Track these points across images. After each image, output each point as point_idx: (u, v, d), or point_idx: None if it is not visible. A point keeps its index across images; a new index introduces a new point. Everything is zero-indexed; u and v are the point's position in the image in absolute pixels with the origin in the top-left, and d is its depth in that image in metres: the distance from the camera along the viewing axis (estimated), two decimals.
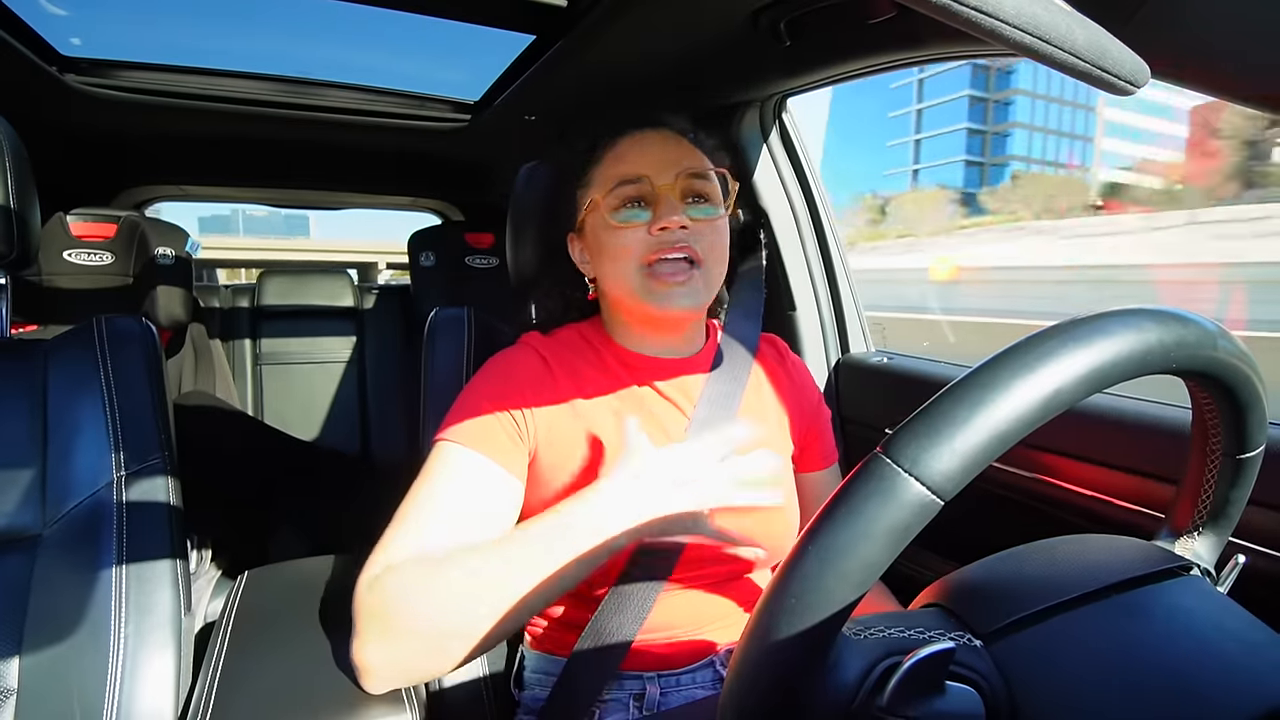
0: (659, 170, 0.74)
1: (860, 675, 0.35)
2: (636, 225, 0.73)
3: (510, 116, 1.56)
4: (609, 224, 0.74)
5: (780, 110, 1.27)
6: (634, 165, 0.75)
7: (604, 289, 0.79)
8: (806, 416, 0.87)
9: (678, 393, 0.79)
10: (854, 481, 0.32)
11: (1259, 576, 0.63)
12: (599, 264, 0.77)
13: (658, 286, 0.72)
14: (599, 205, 0.75)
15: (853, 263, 1.35)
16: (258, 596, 0.87)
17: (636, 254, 0.72)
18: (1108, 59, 0.30)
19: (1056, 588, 0.40)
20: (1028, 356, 0.32)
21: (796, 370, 0.90)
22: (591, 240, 0.78)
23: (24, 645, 0.72)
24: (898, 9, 0.83)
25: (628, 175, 0.74)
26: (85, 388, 0.82)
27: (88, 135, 1.68)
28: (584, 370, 0.78)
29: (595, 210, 0.76)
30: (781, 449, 0.83)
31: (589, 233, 0.78)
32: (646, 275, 0.72)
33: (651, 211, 0.73)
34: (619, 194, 0.74)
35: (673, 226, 0.71)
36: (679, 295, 0.72)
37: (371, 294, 2.63)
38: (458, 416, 0.72)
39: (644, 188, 0.74)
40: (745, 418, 0.78)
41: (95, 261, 1.90)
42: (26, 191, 0.84)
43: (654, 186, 0.73)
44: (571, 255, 0.82)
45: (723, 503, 0.65)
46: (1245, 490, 0.46)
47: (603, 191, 0.75)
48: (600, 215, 0.75)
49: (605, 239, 0.75)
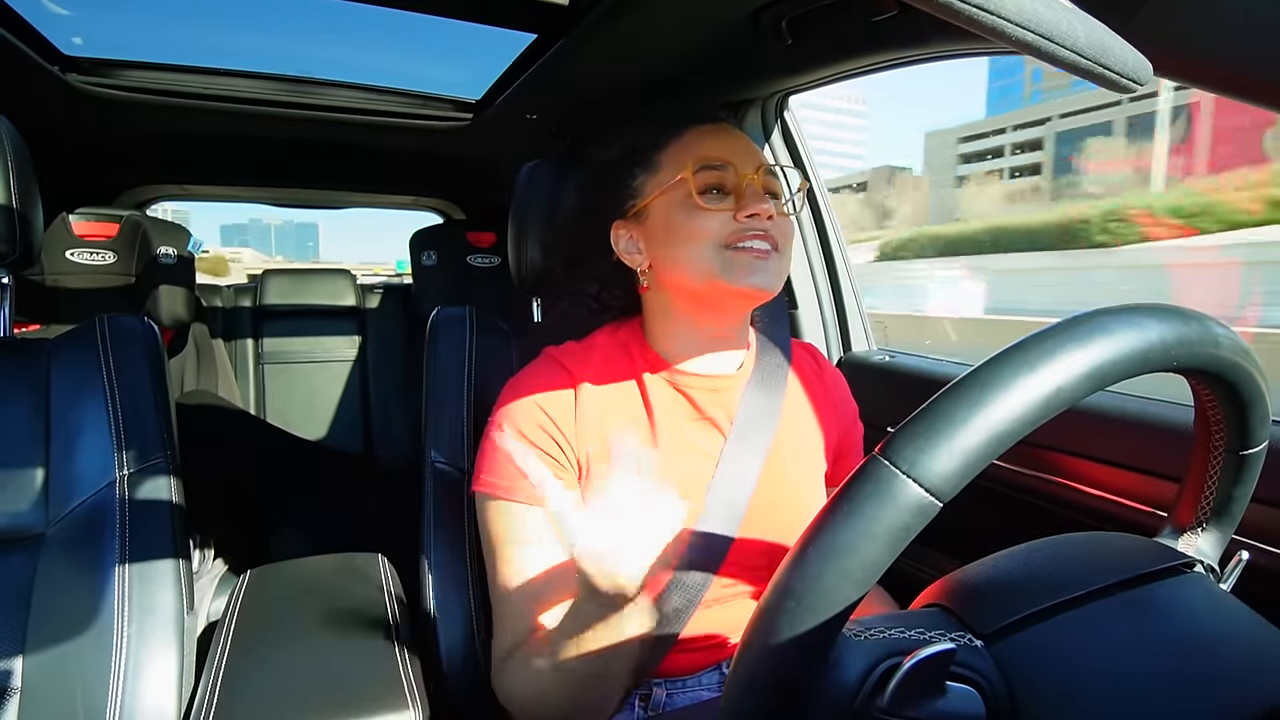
0: (743, 160, 0.73)
1: (861, 676, 0.35)
2: (721, 209, 0.71)
3: (512, 115, 1.56)
4: (694, 204, 0.71)
5: (782, 108, 1.27)
6: (717, 151, 0.73)
7: (662, 277, 0.75)
8: (841, 432, 0.85)
9: (716, 409, 0.76)
10: (853, 483, 0.32)
11: (1262, 574, 0.63)
12: (665, 248, 0.73)
13: (742, 260, 0.69)
14: (680, 184, 0.72)
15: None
16: (260, 596, 0.88)
17: (719, 235, 0.70)
18: (1110, 57, 0.29)
19: (1058, 586, 0.40)
20: (1028, 356, 0.32)
21: (835, 383, 0.88)
22: (659, 224, 0.74)
23: (27, 644, 0.72)
24: (900, 7, 0.83)
25: (712, 159, 0.72)
26: (88, 387, 0.82)
27: (90, 135, 1.68)
28: (616, 386, 0.76)
29: (673, 190, 0.73)
30: (816, 465, 0.81)
31: (654, 217, 0.75)
32: (730, 252, 0.70)
33: (732, 199, 0.71)
34: (703, 177, 0.71)
35: (762, 214, 0.70)
36: (761, 271, 0.70)
37: (374, 293, 2.64)
38: (495, 464, 0.71)
39: (727, 175, 0.72)
40: (782, 435, 0.77)
41: (98, 261, 1.90)
42: (29, 191, 0.85)
43: (738, 175, 0.72)
44: (615, 245, 0.78)
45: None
46: (1248, 487, 0.46)
47: (686, 171, 0.71)
48: (681, 194, 0.72)
49: (683, 219, 0.71)
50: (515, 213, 0.95)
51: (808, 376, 0.85)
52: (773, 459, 0.75)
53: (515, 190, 0.96)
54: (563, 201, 0.94)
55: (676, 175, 0.72)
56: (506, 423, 0.73)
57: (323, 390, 2.49)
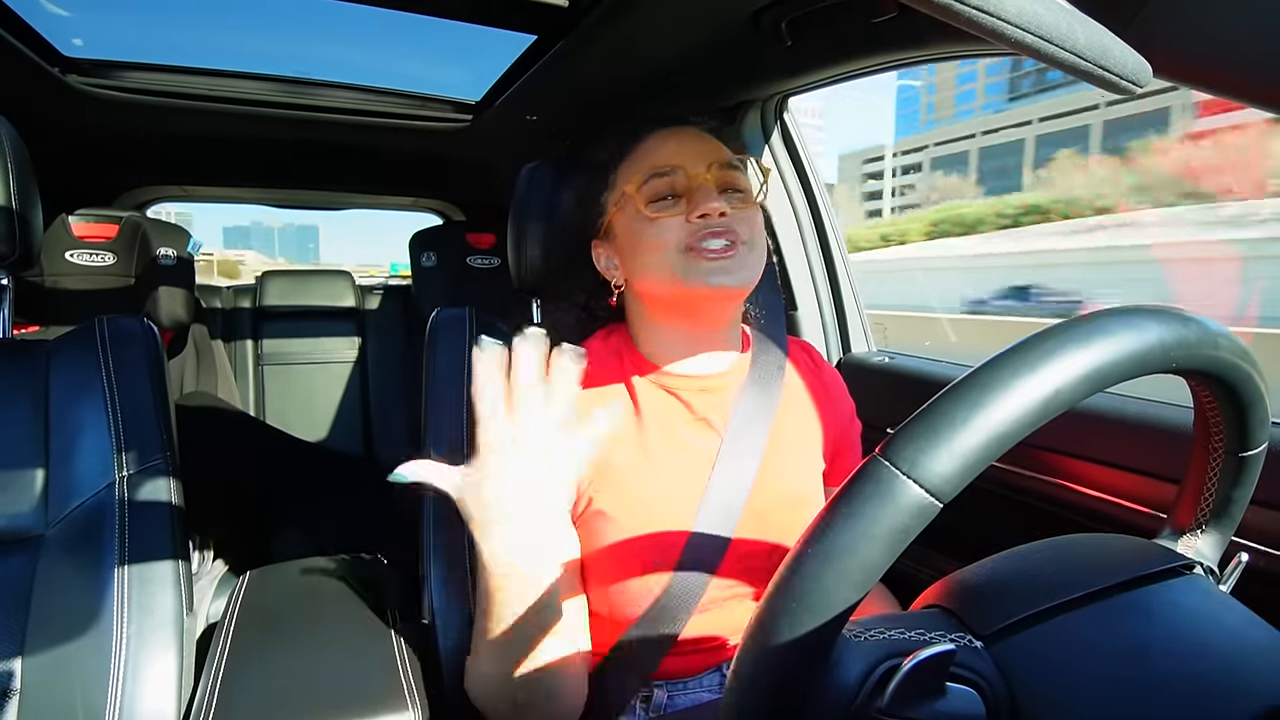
0: (691, 161, 0.72)
1: (860, 677, 0.35)
2: (673, 214, 0.70)
3: (511, 117, 1.56)
4: (643, 215, 0.71)
5: (782, 110, 1.27)
6: (665, 157, 0.73)
7: (637, 288, 0.76)
8: (839, 430, 0.84)
9: (710, 410, 0.76)
10: (853, 484, 0.32)
11: (1262, 575, 0.63)
12: (632, 261, 0.74)
13: (701, 262, 0.69)
14: (630, 198, 0.72)
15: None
16: (260, 597, 0.88)
17: (676, 241, 0.70)
18: (1110, 59, 0.29)
19: (1058, 588, 0.40)
20: (1027, 357, 0.32)
21: (833, 382, 0.87)
22: (622, 239, 0.75)
23: (27, 646, 0.72)
24: (899, 8, 0.83)
25: (659, 167, 0.72)
26: (87, 388, 0.82)
27: (90, 136, 1.68)
28: (608, 394, 0.76)
29: (626, 205, 0.73)
30: (814, 465, 0.81)
31: (618, 233, 0.76)
32: (688, 255, 0.69)
33: (686, 202, 0.71)
34: (651, 186, 0.72)
35: (712, 214, 0.69)
36: (725, 270, 0.69)
37: (373, 294, 2.64)
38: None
39: (677, 179, 0.72)
40: (779, 435, 0.76)
41: (97, 262, 1.90)
42: (29, 192, 0.85)
43: (688, 177, 0.71)
44: (597, 264, 0.79)
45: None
46: (1248, 489, 0.46)
47: (634, 184, 0.72)
48: (632, 209, 0.72)
49: (639, 231, 0.72)
50: (515, 214, 0.95)
51: (805, 375, 0.84)
52: (769, 459, 0.75)
53: (515, 191, 0.96)
54: (562, 204, 0.94)
55: (626, 189, 0.73)
56: None
57: (322, 391, 2.49)
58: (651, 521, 0.70)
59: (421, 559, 0.84)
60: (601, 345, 0.80)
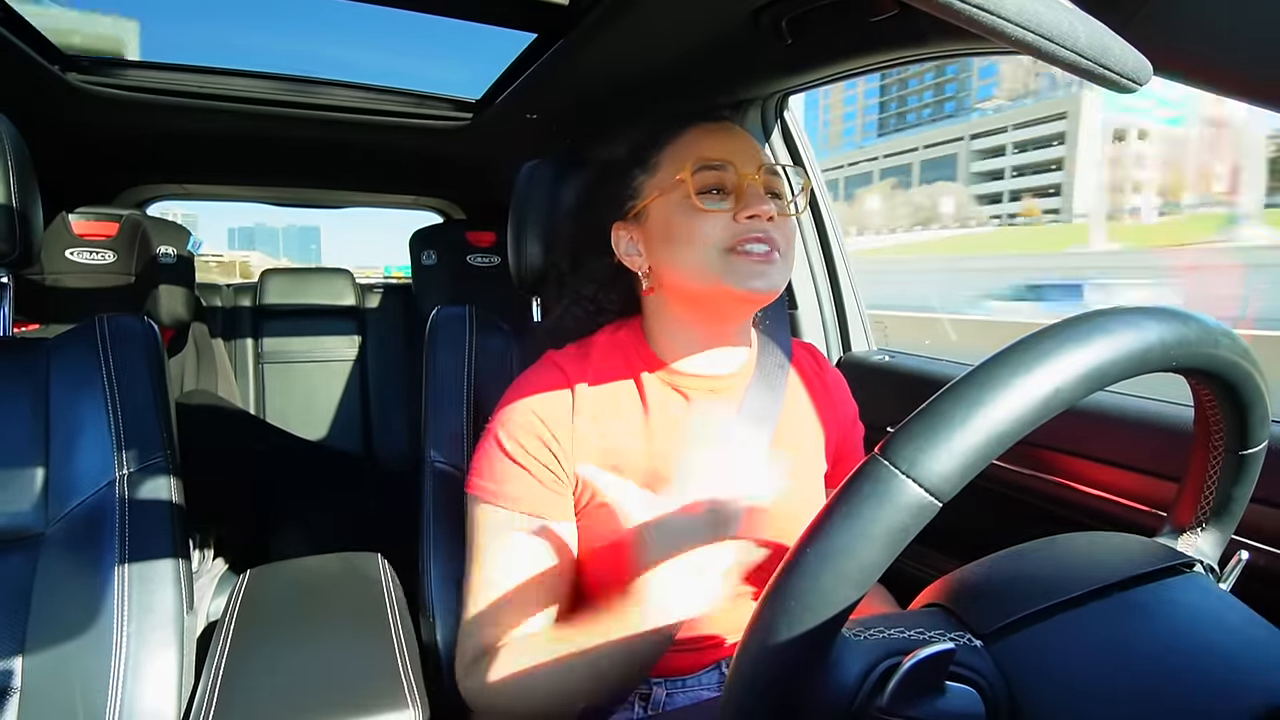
0: (742, 159, 0.71)
1: (860, 676, 0.35)
2: (721, 210, 0.70)
3: (512, 115, 1.56)
4: (692, 206, 0.69)
5: (782, 108, 1.27)
6: (716, 151, 0.72)
7: (665, 278, 0.74)
8: (841, 433, 0.84)
9: (716, 410, 0.76)
10: (852, 483, 0.32)
11: (1262, 573, 0.63)
12: (665, 249, 0.72)
13: (744, 264, 0.68)
14: (678, 185, 0.71)
15: None
16: (260, 595, 0.88)
17: (720, 238, 0.69)
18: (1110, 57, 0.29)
19: (1057, 586, 0.40)
20: (1026, 356, 0.32)
21: (836, 384, 0.87)
22: (657, 225, 0.73)
23: (27, 644, 0.72)
24: (900, 7, 0.83)
25: (710, 160, 0.71)
26: (87, 387, 0.82)
27: (90, 134, 1.68)
28: (614, 387, 0.75)
29: (672, 191, 0.72)
30: (816, 466, 0.81)
31: (653, 218, 0.74)
32: (731, 255, 0.69)
33: (733, 200, 0.70)
34: (702, 177, 0.70)
35: (763, 216, 0.68)
36: (763, 275, 0.69)
37: (373, 293, 2.64)
38: (492, 469, 0.71)
39: (727, 175, 0.71)
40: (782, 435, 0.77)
41: (97, 260, 1.90)
42: (29, 190, 0.84)
43: (738, 175, 0.71)
44: (616, 247, 0.77)
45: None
46: (1248, 487, 0.46)
47: (685, 171, 0.70)
48: (679, 196, 0.71)
49: (681, 222, 0.70)
50: (515, 212, 0.95)
51: (809, 377, 0.84)
52: (772, 459, 0.75)
53: (515, 190, 0.95)
54: (563, 201, 0.94)
55: (675, 175, 0.71)
56: (503, 431, 0.72)
57: (322, 390, 2.49)
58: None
59: (421, 557, 0.84)
60: (609, 340, 0.79)
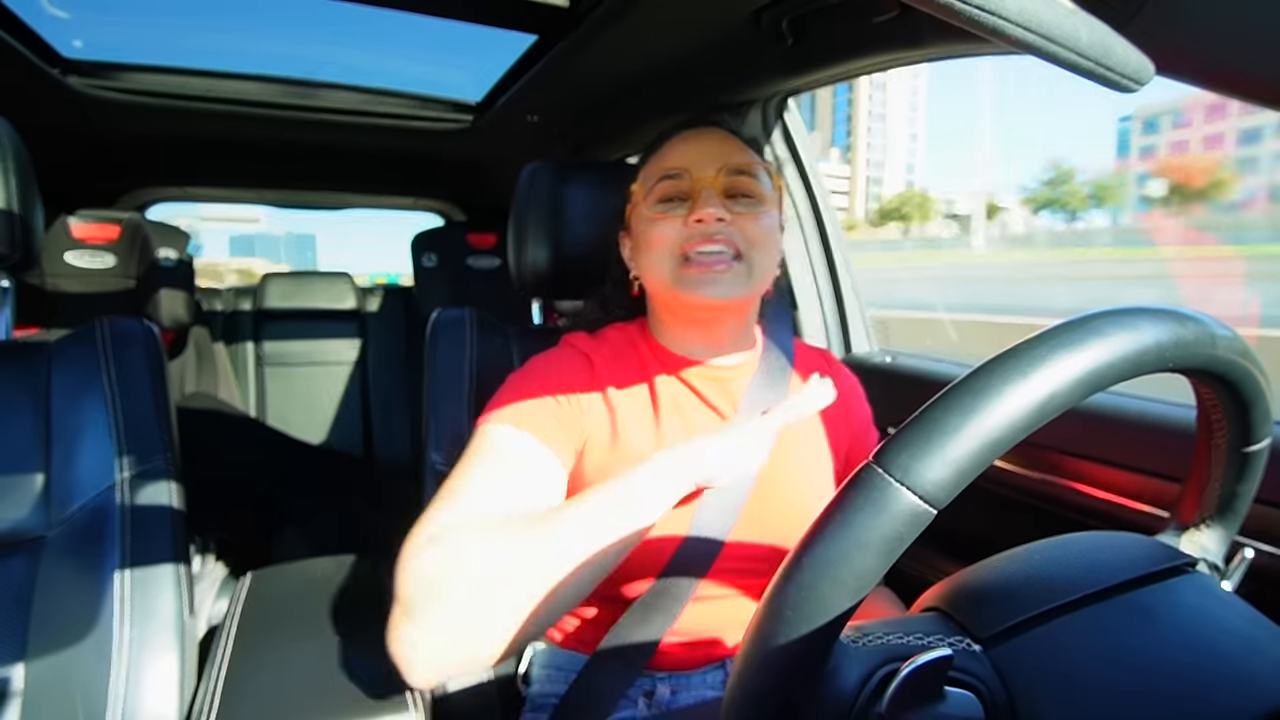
0: (700, 164, 0.73)
1: (859, 682, 0.35)
2: (673, 216, 0.73)
3: (513, 117, 1.56)
4: (647, 215, 0.75)
5: (782, 109, 1.27)
6: (675, 159, 0.75)
7: (645, 285, 0.80)
8: (852, 435, 0.84)
9: (720, 398, 0.78)
10: (846, 491, 0.32)
11: (1265, 574, 0.63)
12: (638, 258, 0.78)
13: (691, 273, 0.71)
14: (639, 197, 0.77)
15: None
16: (262, 599, 0.87)
17: (672, 243, 0.72)
18: (1111, 57, 0.29)
19: (1057, 589, 0.40)
20: (1020, 361, 0.32)
21: (850, 389, 0.87)
22: (635, 234, 0.79)
23: (28, 648, 0.72)
24: (901, 7, 0.83)
25: (668, 170, 0.74)
26: (88, 390, 0.82)
27: (90, 137, 1.68)
28: (624, 371, 0.78)
29: (640, 202, 0.77)
30: (819, 467, 0.81)
31: (633, 228, 0.80)
32: (681, 263, 0.71)
33: (691, 205, 0.73)
34: (659, 189, 0.74)
35: (708, 219, 0.70)
36: (714, 283, 0.70)
37: (374, 296, 2.64)
38: (501, 402, 0.72)
39: (683, 183, 0.73)
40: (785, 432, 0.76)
41: (98, 264, 1.90)
42: (29, 194, 0.85)
43: (692, 180, 0.73)
44: (622, 253, 0.83)
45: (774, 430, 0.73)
46: (1252, 484, 0.45)
47: (645, 185, 0.76)
48: (642, 207, 0.76)
49: (643, 231, 0.76)
50: (516, 214, 0.95)
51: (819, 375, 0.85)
52: (776, 455, 0.75)
53: (516, 192, 0.95)
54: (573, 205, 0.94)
55: (646, 187, 0.76)
56: (521, 376, 0.75)
57: (323, 393, 2.49)
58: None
59: None
60: (619, 333, 0.83)
